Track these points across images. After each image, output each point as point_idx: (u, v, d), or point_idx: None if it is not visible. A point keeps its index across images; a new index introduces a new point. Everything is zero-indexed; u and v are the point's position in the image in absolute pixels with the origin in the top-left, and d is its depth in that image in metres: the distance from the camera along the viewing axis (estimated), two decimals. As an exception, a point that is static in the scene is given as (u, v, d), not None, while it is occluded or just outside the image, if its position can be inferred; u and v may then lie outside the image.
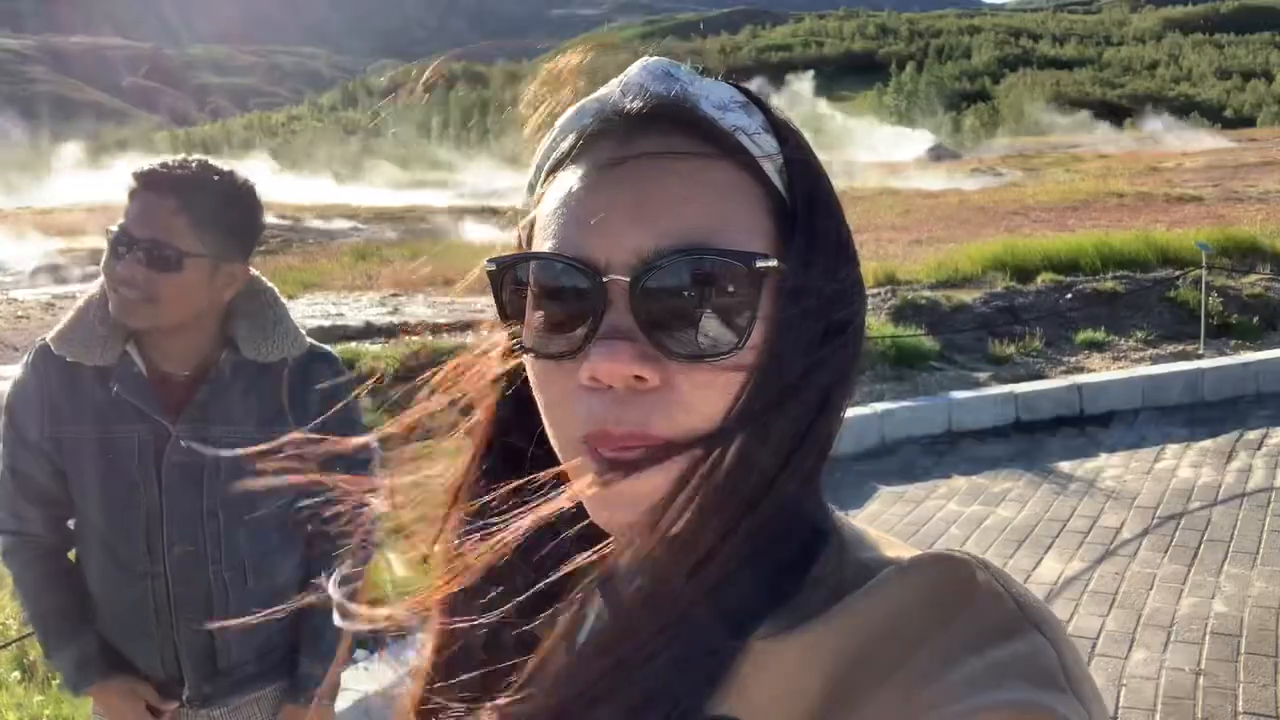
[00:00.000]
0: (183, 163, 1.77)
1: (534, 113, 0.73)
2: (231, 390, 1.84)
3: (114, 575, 1.87)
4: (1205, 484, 5.80)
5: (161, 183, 1.74)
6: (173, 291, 1.74)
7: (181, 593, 1.86)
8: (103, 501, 1.84)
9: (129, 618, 1.88)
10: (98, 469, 1.82)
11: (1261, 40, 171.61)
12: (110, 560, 1.86)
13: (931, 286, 9.61)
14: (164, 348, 1.83)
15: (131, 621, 1.88)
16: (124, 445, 1.81)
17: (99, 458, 1.81)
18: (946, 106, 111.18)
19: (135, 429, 1.81)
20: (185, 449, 1.82)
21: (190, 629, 1.87)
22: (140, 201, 1.74)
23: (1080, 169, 31.73)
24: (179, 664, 1.91)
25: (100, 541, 1.87)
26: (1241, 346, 8.52)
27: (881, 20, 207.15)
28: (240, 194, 1.81)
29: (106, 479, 1.82)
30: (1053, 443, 6.73)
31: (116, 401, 1.81)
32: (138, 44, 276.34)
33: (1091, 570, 4.77)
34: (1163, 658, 3.97)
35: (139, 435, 1.81)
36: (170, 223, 1.72)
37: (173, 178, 1.74)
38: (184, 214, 1.72)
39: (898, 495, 5.87)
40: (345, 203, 28.96)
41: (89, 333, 1.81)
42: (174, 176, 1.74)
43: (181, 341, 1.83)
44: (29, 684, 3.71)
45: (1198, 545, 4.99)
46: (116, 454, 1.81)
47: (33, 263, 15.85)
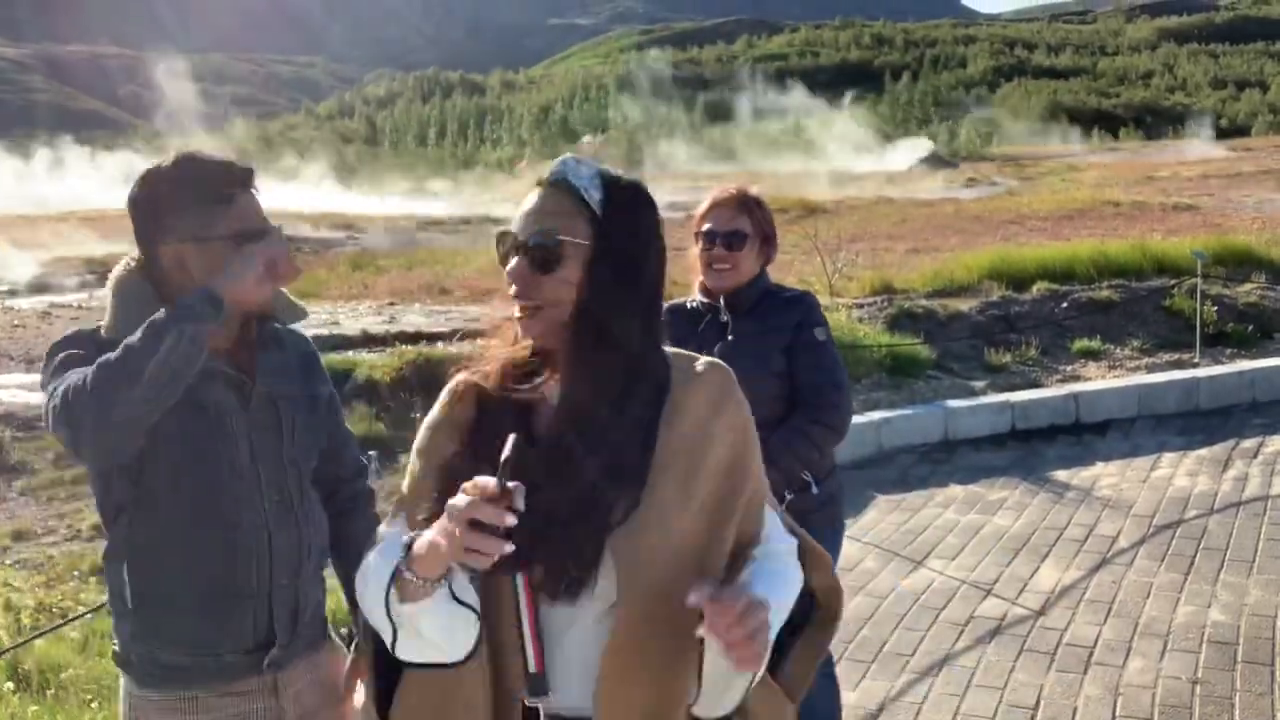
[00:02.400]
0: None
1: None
2: (274, 354, 2.02)
3: (216, 539, 1.91)
4: (1201, 492, 5.81)
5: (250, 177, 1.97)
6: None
7: (279, 544, 1.96)
8: (202, 466, 1.89)
9: (232, 581, 1.93)
10: (194, 433, 1.88)
11: (1256, 50, 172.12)
12: (211, 524, 1.90)
13: (927, 295, 9.62)
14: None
15: (235, 585, 1.93)
16: (214, 409, 1.90)
17: (195, 422, 1.87)
18: (942, 116, 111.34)
19: (218, 393, 1.91)
20: (265, 406, 1.97)
21: (280, 584, 1.97)
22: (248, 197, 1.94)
23: (1076, 178, 31.78)
24: (270, 625, 1.96)
25: (199, 508, 1.90)
26: (1237, 355, 8.54)
27: (877, 30, 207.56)
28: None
29: (204, 443, 1.89)
30: (1049, 451, 6.74)
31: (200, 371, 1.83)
32: (134, 52, 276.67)
33: (1088, 579, 4.77)
34: (1159, 666, 3.97)
35: (219, 397, 1.92)
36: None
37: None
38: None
39: (895, 503, 5.87)
40: (341, 211, 28.94)
41: (132, 321, 1.79)
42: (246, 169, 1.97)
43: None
44: (24, 694, 3.69)
45: (1194, 554, 4.99)
46: (209, 418, 1.90)
47: (29, 271, 15.82)
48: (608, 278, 1.49)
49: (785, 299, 2.93)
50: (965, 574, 4.88)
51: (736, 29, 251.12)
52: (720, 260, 2.85)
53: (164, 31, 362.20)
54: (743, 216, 2.87)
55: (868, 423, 6.74)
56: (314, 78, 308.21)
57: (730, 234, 2.85)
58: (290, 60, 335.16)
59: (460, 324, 9.40)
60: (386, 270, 15.74)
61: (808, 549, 1.65)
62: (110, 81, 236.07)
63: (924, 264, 11.71)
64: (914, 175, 38.82)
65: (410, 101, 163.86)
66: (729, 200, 2.90)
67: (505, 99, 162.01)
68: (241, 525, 1.92)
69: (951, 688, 3.89)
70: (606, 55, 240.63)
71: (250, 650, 1.95)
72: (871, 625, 4.39)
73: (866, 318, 8.87)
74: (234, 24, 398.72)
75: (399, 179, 45.30)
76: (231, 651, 1.94)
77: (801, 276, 10.82)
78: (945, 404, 7.22)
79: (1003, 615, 4.45)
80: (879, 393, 7.49)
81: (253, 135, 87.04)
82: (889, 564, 5.03)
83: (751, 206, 2.91)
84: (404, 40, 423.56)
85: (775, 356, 2.83)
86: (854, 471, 6.32)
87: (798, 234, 11.64)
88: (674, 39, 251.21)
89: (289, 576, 1.98)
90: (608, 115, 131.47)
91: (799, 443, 2.76)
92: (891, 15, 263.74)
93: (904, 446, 6.81)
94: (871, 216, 21.57)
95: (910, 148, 57.28)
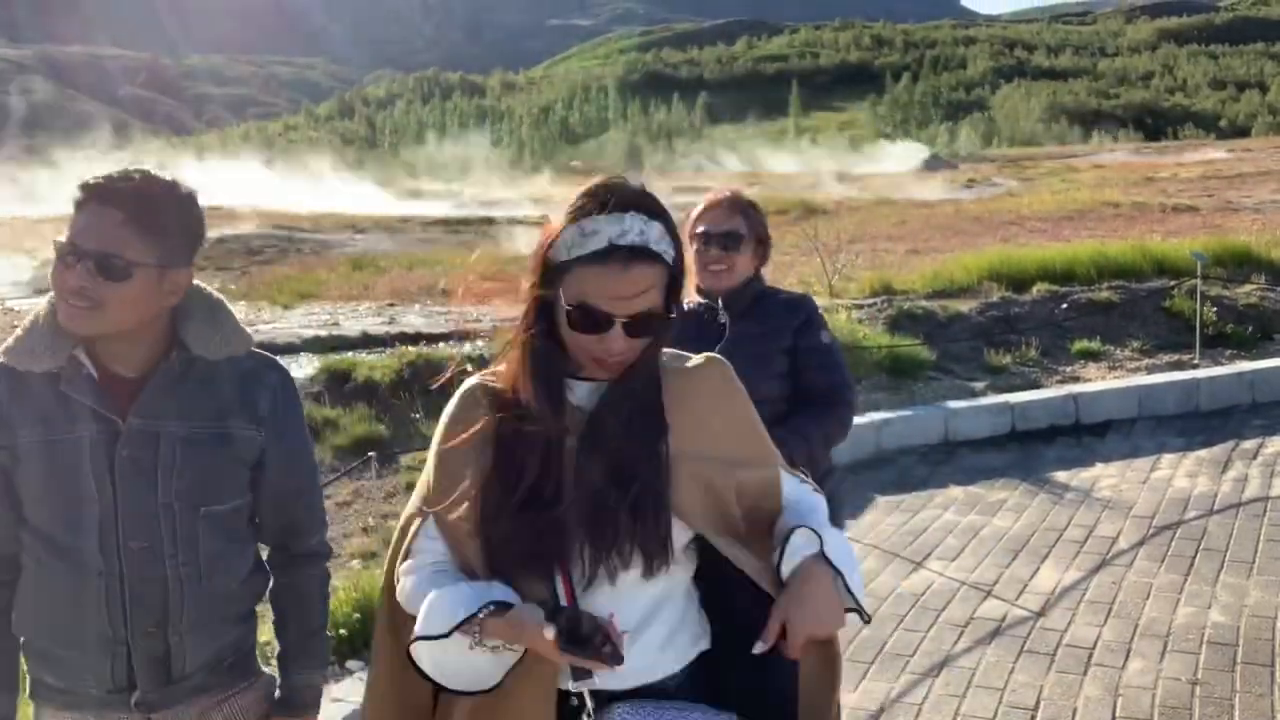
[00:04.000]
0: (127, 174, 1.80)
1: (566, 210, 1.64)
2: (183, 387, 1.88)
3: (65, 580, 1.85)
4: (1201, 493, 5.81)
5: (108, 194, 1.77)
6: (121, 300, 1.77)
7: (138, 591, 1.85)
8: (56, 504, 1.84)
9: (80, 624, 1.86)
10: (50, 471, 1.83)
11: (1256, 51, 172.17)
12: (62, 564, 1.85)
13: (927, 296, 9.62)
14: (112, 350, 1.86)
15: (83, 628, 1.87)
16: (76, 445, 1.82)
17: (52, 459, 1.82)
18: (942, 117, 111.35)
19: (86, 428, 1.83)
20: (138, 444, 1.84)
21: (144, 631, 1.87)
22: (87, 213, 1.77)
23: (1075, 179, 31.80)
24: (129, 671, 1.89)
25: (51, 547, 1.85)
26: (1237, 356, 8.53)
27: (877, 31, 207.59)
28: (183, 202, 1.84)
29: (60, 480, 1.83)
30: (1049, 452, 6.74)
31: (66, 402, 1.82)
32: (135, 53, 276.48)
33: (1088, 580, 4.77)
34: (1159, 667, 3.97)
35: (90, 434, 1.82)
36: (118, 233, 1.76)
37: (119, 189, 1.77)
38: (131, 224, 1.76)
39: (894, 504, 5.87)
40: (342, 212, 28.95)
41: (36, 340, 1.83)
42: (120, 188, 1.77)
43: (129, 345, 1.86)
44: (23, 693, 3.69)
45: (1194, 555, 4.99)
46: (69, 454, 1.82)
47: (30, 271, 15.84)
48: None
49: (784, 301, 2.94)
50: (965, 575, 4.88)
51: (736, 30, 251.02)
52: (716, 261, 2.87)
53: (164, 33, 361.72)
54: (737, 217, 2.89)
55: (868, 424, 6.74)
56: (314, 79, 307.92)
57: (725, 235, 2.86)
58: (290, 61, 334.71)
59: (460, 325, 9.41)
60: (386, 271, 15.75)
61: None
62: (110, 82, 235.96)
63: (924, 265, 11.71)
64: (913, 176, 38.85)
65: (410, 103, 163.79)
66: (723, 202, 2.92)
67: (505, 100, 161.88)
68: (90, 570, 1.84)
69: (951, 689, 3.89)
70: (606, 56, 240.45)
71: (118, 690, 1.91)
72: (871, 626, 4.39)
73: (866, 319, 8.87)
74: (234, 25, 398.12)
75: (399, 179, 45.33)
76: (97, 688, 1.91)
77: (801, 277, 10.83)
78: (945, 405, 7.21)
79: (1003, 616, 4.45)
80: (879, 394, 7.49)
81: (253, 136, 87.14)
82: (889, 565, 5.03)
83: (745, 208, 2.93)
84: (404, 41, 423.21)
85: (777, 358, 2.84)
86: (854, 472, 6.32)
87: (798, 235, 11.66)
88: (674, 40, 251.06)
89: (155, 624, 1.87)
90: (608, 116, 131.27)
91: (815, 436, 2.79)
92: (891, 16, 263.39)
93: (904, 448, 6.81)
94: (871, 218, 21.58)
95: (910, 149, 57.31)
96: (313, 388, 7.14)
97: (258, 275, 16.50)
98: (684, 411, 1.69)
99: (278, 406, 1.95)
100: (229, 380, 1.91)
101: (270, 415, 1.94)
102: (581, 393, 1.68)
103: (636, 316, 1.60)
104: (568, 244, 1.60)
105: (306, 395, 7.19)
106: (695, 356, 1.76)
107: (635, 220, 1.59)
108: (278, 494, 1.99)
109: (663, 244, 1.62)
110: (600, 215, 1.59)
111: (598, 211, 1.59)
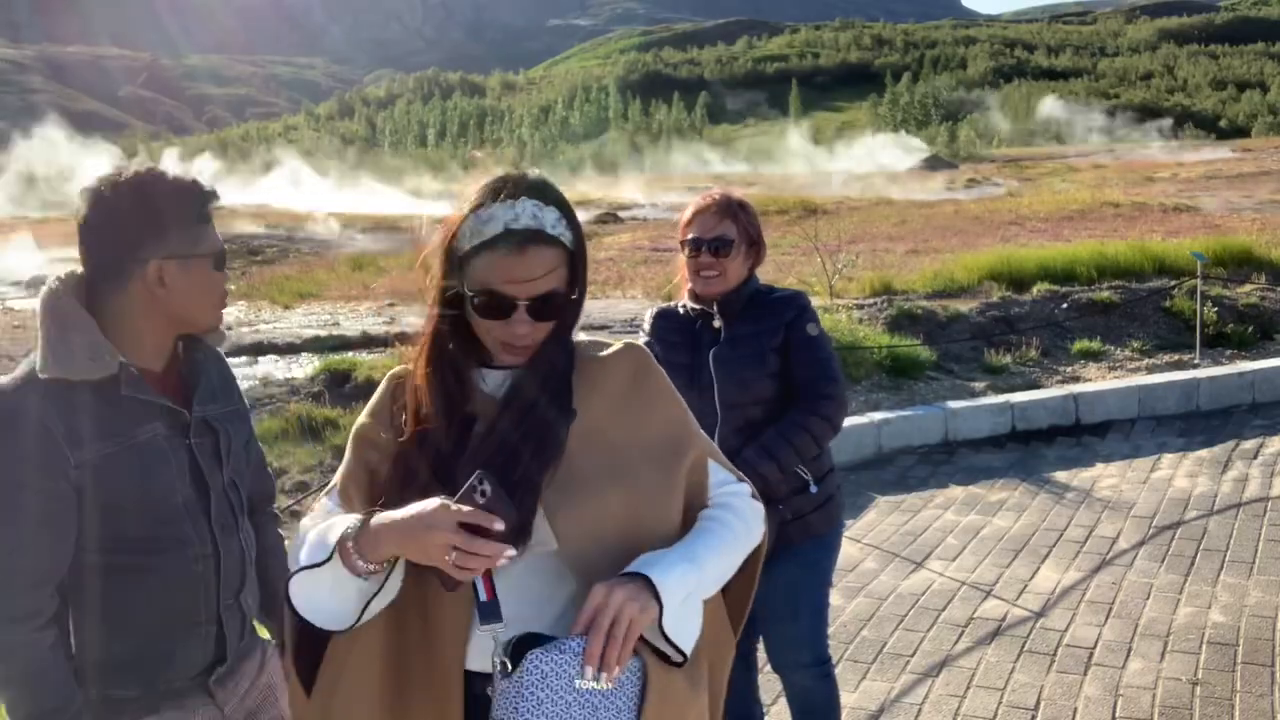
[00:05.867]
0: (142, 172, 1.87)
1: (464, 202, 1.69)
2: (208, 373, 2.01)
3: (175, 571, 1.89)
4: (1201, 494, 5.81)
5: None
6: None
7: (228, 566, 1.97)
8: (151, 503, 1.86)
9: (185, 612, 1.92)
10: (138, 473, 1.84)
11: (1256, 51, 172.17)
12: (166, 559, 1.88)
13: (927, 296, 9.62)
14: (144, 347, 1.90)
15: (187, 614, 1.92)
16: (153, 443, 1.87)
17: (133, 463, 1.83)
18: (942, 117, 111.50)
19: (156, 426, 1.88)
20: (202, 431, 1.95)
21: (227, 604, 1.98)
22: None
23: (1076, 179, 31.81)
24: (222, 642, 1.98)
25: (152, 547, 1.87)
26: (1237, 356, 8.53)
27: (877, 31, 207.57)
28: (191, 187, 1.90)
29: (150, 479, 1.85)
30: (1049, 452, 6.74)
31: (129, 405, 1.84)
32: (135, 53, 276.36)
33: (1088, 580, 4.77)
34: (1159, 667, 3.97)
35: (159, 431, 1.88)
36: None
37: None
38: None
39: (894, 504, 5.87)
40: (342, 212, 28.95)
41: (79, 349, 1.81)
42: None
43: (155, 339, 1.92)
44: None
45: (1194, 555, 4.99)
46: (149, 454, 1.86)
47: (30, 272, 15.84)
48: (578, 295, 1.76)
49: (776, 298, 2.91)
50: (965, 575, 4.88)
51: (736, 30, 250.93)
52: (708, 267, 2.84)
53: (164, 33, 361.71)
54: (727, 222, 2.85)
55: (868, 424, 6.74)
56: (314, 79, 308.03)
57: (715, 240, 2.83)
58: (290, 61, 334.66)
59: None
60: (386, 271, 15.76)
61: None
62: (110, 82, 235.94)
63: (924, 265, 11.72)
64: (913, 176, 38.86)
65: (410, 102, 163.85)
66: (712, 207, 2.87)
67: (505, 100, 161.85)
68: (193, 556, 1.91)
69: (952, 689, 3.89)
70: (606, 56, 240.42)
71: (199, 673, 1.96)
72: (871, 626, 4.39)
73: (866, 319, 8.87)
74: (234, 25, 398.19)
75: (399, 179, 45.32)
76: (180, 678, 1.94)
77: (801, 277, 10.85)
78: (945, 405, 7.21)
79: (1003, 616, 4.46)
80: (879, 394, 7.49)
81: (253, 136, 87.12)
82: (889, 565, 5.03)
83: (735, 211, 2.87)
84: (404, 41, 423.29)
85: (770, 357, 2.82)
86: (854, 473, 6.32)
87: (797, 235, 11.65)
88: (674, 40, 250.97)
89: (233, 595, 1.99)
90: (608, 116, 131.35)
91: (797, 436, 2.76)
92: (891, 16, 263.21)
93: (904, 447, 6.81)
94: (871, 218, 21.59)
95: (910, 149, 57.35)
96: (313, 387, 7.15)
97: (258, 275, 16.51)
98: (596, 395, 1.72)
99: (232, 378, 2.11)
100: (213, 363, 2.04)
101: (236, 385, 2.11)
102: (493, 381, 1.72)
103: (538, 299, 1.65)
104: (466, 234, 1.66)
105: (306, 395, 7.19)
106: (613, 344, 1.80)
107: (528, 204, 1.65)
108: (257, 461, 2.17)
109: (559, 227, 1.67)
110: (495, 204, 1.65)
111: (492, 201, 1.66)
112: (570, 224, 1.70)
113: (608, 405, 1.72)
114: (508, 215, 1.64)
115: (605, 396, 1.73)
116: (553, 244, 1.66)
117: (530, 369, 1.70)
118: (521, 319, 1.66)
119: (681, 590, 1.61)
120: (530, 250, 1.64)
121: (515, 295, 1.65)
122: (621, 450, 1.69)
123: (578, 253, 1.71)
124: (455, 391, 1.70)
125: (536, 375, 1.69)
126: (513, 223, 1.64)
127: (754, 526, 1.79)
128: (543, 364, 1.70)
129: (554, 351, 1.71)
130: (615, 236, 21.02)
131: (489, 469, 1.53)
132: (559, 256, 1.67)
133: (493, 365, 1.73)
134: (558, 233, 1.67)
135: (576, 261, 1.71)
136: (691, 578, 1.63)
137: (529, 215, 1.64)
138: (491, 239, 1.64)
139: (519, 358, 1.70)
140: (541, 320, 1.67)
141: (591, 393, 1.72)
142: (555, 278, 1.67)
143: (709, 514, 1.75)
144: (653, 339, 2.92)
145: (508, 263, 1.64)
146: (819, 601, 2.97)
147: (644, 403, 1.76)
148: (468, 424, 1.68)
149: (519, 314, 1.65)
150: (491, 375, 1.73)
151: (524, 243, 1.64)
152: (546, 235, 1.65)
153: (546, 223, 1.66)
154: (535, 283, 1.65)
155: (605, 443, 1.69)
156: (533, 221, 1.64)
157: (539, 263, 1.65)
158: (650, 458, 1.71)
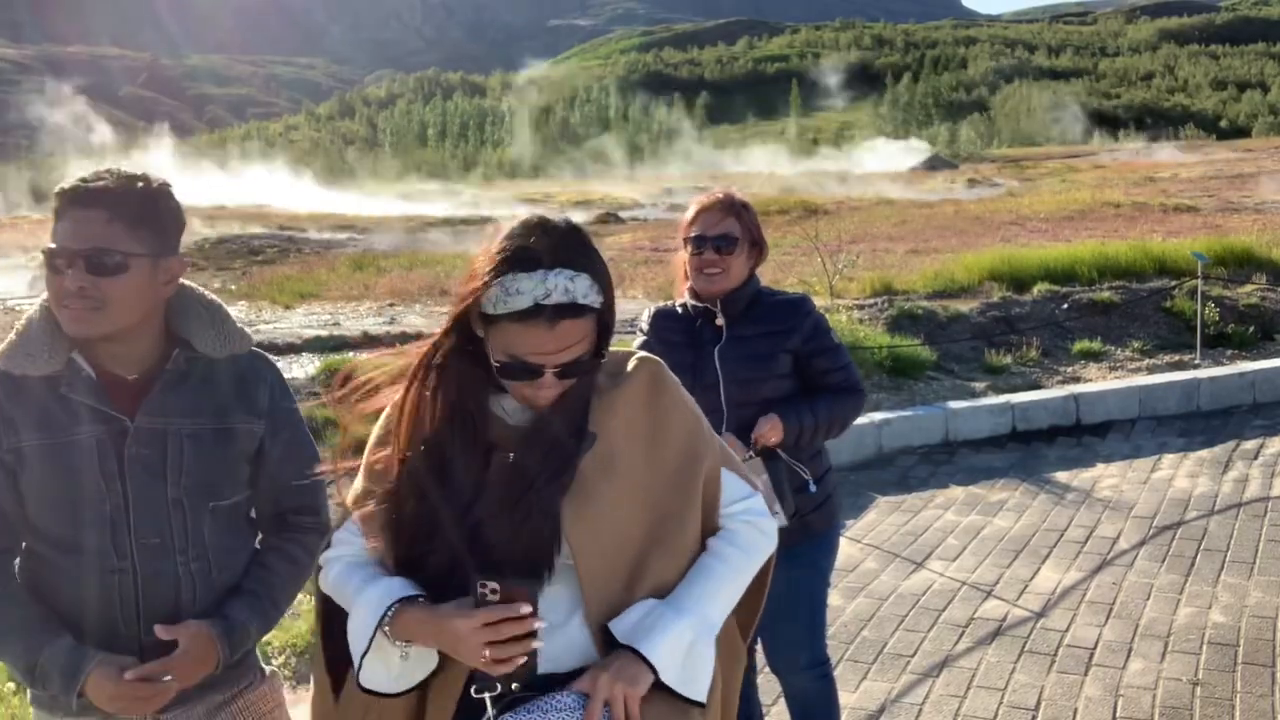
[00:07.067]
0: (99, 175, 1.83)
1: (490, 259, 1.60)
2: (187, 385, 1.93)
3: (77, 580, 1.86)
4: (1202, 494, 5.80)
5: (87, 196, 1.80)
6: (122, 294, 1.81)
7: (150, 588, 1.88)
8: (62, 504, 1.85)
9: (94, 623, 1.87)
10: (55, 472, 1.84)
11: (1257, 51, 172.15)
12: (67, 562, 1.86)
13: (928, 296, 9.62)
14: (112, 352, 1.88)
15: (97, 627, 1.87)
16: (78, 446, 1.84)
17: (56, 461, 1.84)
18: (943, 117, 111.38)
19: (89, 429, 1.85)
20: (146, 442, 1.87)
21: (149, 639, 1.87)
22: (70, 218, 1.81)
23: (1076, 179, 31.81)
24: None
25: (61, 548, 1.86)
26: (1238, 356, 8.53)
27: (877, 31, 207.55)
28: (159, 193, 1.88)
29: (64, 481, 1.84)
30: (1049, 452, 6.73)
31: (66, 405, 1.84)
32: (135, 53, 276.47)
33: (1088, 580, 4.77)
34: (1160, 668, 3.97)
35: (96, 435, 1.85)
36: (106, 230, 1.79)
37: (97, 190, 1.81)
38: (116, 220, 1.79)
39: (895, 505, 5.87)
40: (342, 212, 28.95)
41: (32, 344, 1.86)
42: (98, 188, 1.81)
43: (129, 345, 1.89)
44: (23, 694, 3.69)
45: (1194, 555, 4.99)
46: (72, 455, 1.84)
47: (31, 272, 15.84)
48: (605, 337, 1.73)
49: (783, 302, 2.92)
50: (966, 575, 4.88)
51: (736, 30, 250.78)
52: (711, 265, 2.84)
53: (165, 33, 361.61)
54: (730, 220, 2.86)
55: (868, 424, 6.74)
56: (314, 79, 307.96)
57: (720, 238, 2.84)
58: (290, 61, 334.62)
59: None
60: (387, 271, 15.75)
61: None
62: (111, 82, 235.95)
63: (924, 265, 11.71)
64: (914, 176, 38.86)
65: (410, 103, 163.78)
66: (716, 205, 2.88)
67: (505, 100, 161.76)
68: (102, 568, 1.86)
69: (952, 689, 3.89)
70: (607, 56, 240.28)
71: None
72: (872, 626, 4.39)
73: (867, 319, 8.86)
74: (234, 25, 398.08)
75: (399, 180, 45.33)
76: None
77: (802, 277, 10.84)
78: (946, 405, 7.21)
79: (1003, 616, 4.45)
80: (879, 394, 7.48)
81: (254, 136, 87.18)
82: (889, 565, 5.03)
83: (739, 210, 2.89)
84: (404, 42, 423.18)
85: (780, 358, 2.83)
86: (854, 472, 6.32)
87: (798, 235, 11.65)
88: (674, 40, 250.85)
89: (167, 621, 1.88)
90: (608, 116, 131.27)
91: (839, 409, 2.86)
92: (891, 16, 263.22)
93: (904, 448, 6.81)
94: (871, 218, 21.59)
95: (911, 149, 57.36)
96: (313, 387, 7.15)
97: (258, 275, 16.50)
98: (614, 419, 1.70)
99: (275, 400, 2.02)
100: (228, 378, 1.97)
101: (269, 409, 2.00)
102: (510, 406, 1.71)
103: (567, 364, 1.62)
104: (493, 300, 1.58)
105: (307, 395, 7.19)
106: (629, 361, 1.78)
107: (560, 279, 1.57)
108: (275, 485, 2.04)
109: (590, 295, 1.61)
110: (523, 275, 1.56)
111: (521, 268, 1.57)
112: (602, 286, 1.63)
113: (625, 429, 1.71)
114: (538, 291, 1.56)
115: (623, 420, 1.71)
116: (585, 313, 1.61)
117: (553, 409, 1.67)
118: (549, 382, 1.62)
119: (678, 647, 1.62)
120: (561, 325, 1.58)
121: (544, 364, 1.60)
122: (639, 473, 1.69)
123: (606, 313, 1.66)
124: (479, 423, 1.67)
125: (558, 414, 1.67)
126: (544, 299, 1.56)
127: (760, 547, 1.79)
128: (566, 405, 1.67)
129: (576, 391, 1.68)
130: (616, 237, 21.02)
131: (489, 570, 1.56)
132: (590, 323, 1.62)
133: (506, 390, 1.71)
134: (589, 301, 1.60)
135: (606, 317, 1.66)
136: (687, 633, 1.64)
137: (561, 291, 1.57)
138: (520, 312, 1.57)
139: (541, 406, 1.68)
140: (567, 378, 1.63)
141: (609, 416, 1.70)
142: (585, 343, 1.63)
143: (711, 549, 1.75)
144: (652, 338, 2.93)
145: (538, 337, 1.58)
146: (817, 601, 2.97)
147: (660, 417, 1.74)
148: (487, 452, 1.67)
149: (546, 378, 1.61)
150: (509, 400, 1.70)
151: (555, 318, 1.57)
152: (579, 307, 1.59)
153: (579, 294, 1.58)
154: (564, 352, 1.60)
155: (623, 468, 1.68)
156: (564, 296, 1.57)
157: (570, 334, 1.60)
158: (669, 482, 1.71)
